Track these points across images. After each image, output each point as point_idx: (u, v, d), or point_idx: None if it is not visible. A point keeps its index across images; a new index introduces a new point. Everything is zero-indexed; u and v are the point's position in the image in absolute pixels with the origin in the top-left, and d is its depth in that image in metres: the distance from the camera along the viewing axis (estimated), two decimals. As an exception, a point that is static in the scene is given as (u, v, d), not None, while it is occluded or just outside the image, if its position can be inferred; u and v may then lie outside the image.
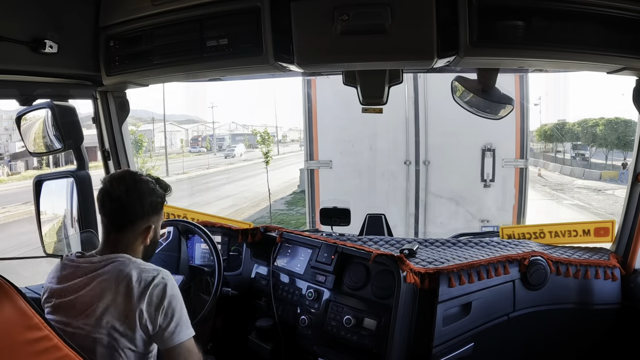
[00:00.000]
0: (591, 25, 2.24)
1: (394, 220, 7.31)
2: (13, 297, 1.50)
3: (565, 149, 39.60)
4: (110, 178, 2.12)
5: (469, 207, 7.79)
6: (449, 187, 7.78)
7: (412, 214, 7.89)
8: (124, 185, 2.08)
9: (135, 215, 2.09)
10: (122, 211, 2.07)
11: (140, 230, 2.13)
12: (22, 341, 1.52)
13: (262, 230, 3.32)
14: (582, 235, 3.22)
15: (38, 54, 2.43)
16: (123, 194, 2.07)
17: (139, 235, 2.14)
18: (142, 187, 2.11)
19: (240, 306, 3.24)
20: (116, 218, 2.08)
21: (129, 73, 2.79)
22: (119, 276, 1.99)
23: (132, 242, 2.13)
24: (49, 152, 3.12)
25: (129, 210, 2.08)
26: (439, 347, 2.67)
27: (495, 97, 2.84)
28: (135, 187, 2.10)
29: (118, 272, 2.00)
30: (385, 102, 2.89)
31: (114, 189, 2.08)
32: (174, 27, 2.60)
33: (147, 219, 2.14)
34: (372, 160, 7.99)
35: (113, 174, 2.16)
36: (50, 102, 2.88)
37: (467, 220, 7.74)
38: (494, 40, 2.27)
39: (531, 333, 2.96)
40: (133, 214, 2.09)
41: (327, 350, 2.82)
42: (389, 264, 2.69)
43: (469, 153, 7.64)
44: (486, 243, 3.16)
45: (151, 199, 2.13)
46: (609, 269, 2.97)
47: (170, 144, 41.65)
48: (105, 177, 2.13)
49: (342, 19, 2.26)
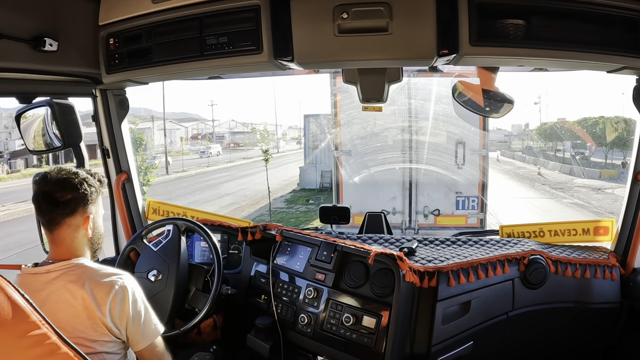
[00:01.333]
0: (591, 24, 2.24)
1: (394, 193, 11.55)
2: (10, 294, 1.50)
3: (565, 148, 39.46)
4: (39, 177, 2.11)
5: (447, 183, 11.34)
6: (432, 169, 11.34)
7: (407, 189, 11.53)
8: (53, 181, 2.07)
9: (69, 209, 2.08)
10: (55, 207, 2.06)
11: (80, 223, 2.12)
12: (19, 339, 1.51)
13: (262, 228, 3.32)
14: (581, 234, 3.22)
15: (38, 52, 2.43)
16: (54, 190, 2.06)
17: (79, 228, 2.12)
18: (71, 180, 2.10)
19: (240, 304, 3.24)
20: (54, 214, 2.07)
21: (128, 71, 2.79)
22: (75, 287, 2.00)
23: (74, 237, 2.12)
24: (48, 150, 3.12)
25: (62, 205, 2.07)
26: (438, 346, 2.68)
27: (495, 97, 2.84)
28: (64, 180, 2.09)
29: (74, 283, 2.00)
30: (385, 101, 2.89)
31: (44, 186, 2.07)
32: (173, 25, 2.60)
33: (84, 210, 2.12)
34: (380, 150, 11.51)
35: (43, 173, 2.14)
36: (50, 100, 2.88)
37: (446, 192, 11.39)
38: (493, 39, 2.27)
39: (530, 332, 2.97)
40: (67, 208, 2.07)
41: (326, 348, 2.82)
42: (389, 262, 2.69)
43: (446, 146, 11.22)
44: (485, 242, 3.16)
45: (83, 189, 2.11)
46: (608, 268, 2.97)
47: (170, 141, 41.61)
48: (35, 178, 2.13)
49: (342, 17, 2.26)
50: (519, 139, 54.38)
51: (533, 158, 40.45)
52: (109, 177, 3.47)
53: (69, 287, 1.99)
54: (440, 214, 11.48)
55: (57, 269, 2.02)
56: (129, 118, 3.45)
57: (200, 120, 66.32)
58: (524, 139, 51.73)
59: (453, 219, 11.45)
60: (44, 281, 2.00)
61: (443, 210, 11.48)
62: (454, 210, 11.48)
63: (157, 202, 3.72)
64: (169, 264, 2.95)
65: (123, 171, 3.44)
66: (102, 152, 3.36)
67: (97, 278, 2.02)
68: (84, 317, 1.98)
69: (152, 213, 3.69)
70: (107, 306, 1.99)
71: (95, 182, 2.18)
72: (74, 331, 1.95)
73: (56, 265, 2.03)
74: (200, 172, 36.67)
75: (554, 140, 41.46)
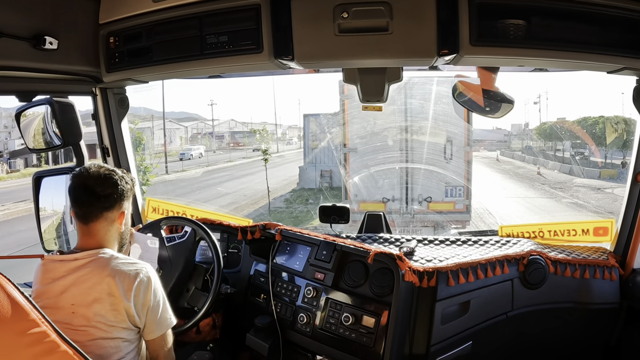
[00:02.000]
0: (591, 24, 2.25)
1: (393, 183, 13.88)
2: (10, 292, 1.50)
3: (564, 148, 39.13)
4: (80, 171, 2.17)
5: (437, 174, 13.61)
6: (425, 163, 13.71)
7: (404, 179, 13.80)
8: (95, 176, 2.14)
9: (109, 203, 2.16)
10: (96, 200, 2.13)
11: (115, 217, 2.20)
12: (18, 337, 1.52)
13: (261, 227, 3.31)
14: (581, 234, 3.23)
15: (38, 50, 2.43)
16: (96, 184, 2.12)
17: (114, 222, 2.20)
18: (112, 176, 2.17)
19: (239, 303, 3.24)
20: (93, 207, 2.13)
21: (128, 70, 2.79)
22: (102, 274, 2.05)
23: (108, 230, 2.19)
24: (48, 149, 3.13)
25: (103, 199, 2.14)
26: (437, 345, 2.68)
27: (495, 97, 2.84)
28: (105, 176, 2.16)
29: (101, 270, 2.06)
30: (385, 100, 2.88)
31: (86, 180, 2.13)
32: (173, 24, 2.60)
33: (120, 205, 2.21)
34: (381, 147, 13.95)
35: (82, 168, 2.20)
36: (50, 98, 2.88)
37: (437, 182, 13.65)
38: (494, 39, 2.27)
39: (530, 332, 2.97)
40: (107, 202, 2.15)
41: (325, 347, 2.82)
42: (388, 262, 2.69)
43: (437, 143, 13.61)
44: (485, 242, 3.16)
45: (121, 185, 2.19)
46: (607, 268, 2.97)
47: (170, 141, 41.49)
48: (75, 171, 2.19)
49: (342, 16, 2.27)
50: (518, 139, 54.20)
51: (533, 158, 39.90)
52: None
53: (95, 273, 2.05)
54: (432, 201, 13.75)
55: (85, 256, 2.08)
56: (129, 117, 3.45)
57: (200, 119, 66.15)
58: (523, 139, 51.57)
59: (443, 205, 13.76)
60: (70, 267, 2.06)
61: (434, 198, 13.74)
62: (443, 197, 13.73)
63: (156, 200, 3.72)
64: (173, 264, 2.95)
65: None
66: (102, 150, 3.36)
67: (124, 267, 2.09)
68: (106, 302, 2.04)
69: (151, 212, 3.69)
70: (132, 293, 2.07)
71: (130, 181, 2.28)
72: (95, 316, 2.02)
73: (84, 254, 2.09)
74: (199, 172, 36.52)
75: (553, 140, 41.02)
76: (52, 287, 2.03)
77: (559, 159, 37.28)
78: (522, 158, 43.03)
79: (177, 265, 2.97)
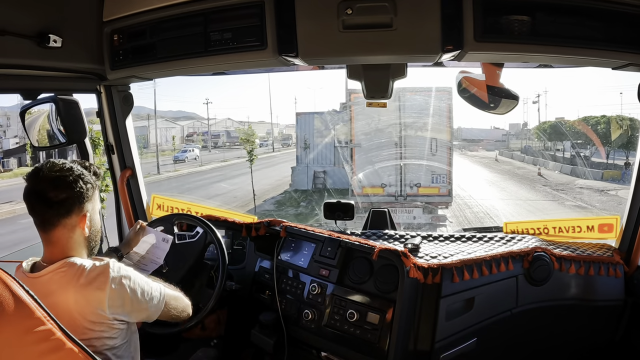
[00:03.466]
0: (596, 20, 2.23)
1: (390, 171, 17.23)
2: (15, 291, 1.51)
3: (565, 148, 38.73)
4: (31, 173, 1.95)
5: (424, 167, 16.83)
6: (415, 157, 16.95)
7: (399, 170, 17.05)
8: (47, 179, 1.92)
9: (64, 209, 1.95)
10: (51, 205, 1.92)
11: (76, 223, 1.99)
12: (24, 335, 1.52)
13: (266, 224, 3.32)
14: (585, 231, 3.23)
15: (42, 48, 2.43)
16: (47, 188, 1.91)
17: (75, 228, 1.99)
18: (66, 178, 1.95)
19: (244, 300, 3.25)
20: (48, 214, 1.94)
21: (133, 67, 2.79)
22: (69, 292, 1.89)
23: (70, 237, 1.99)
24: (52, 147, 3.13)
25: (56, 205, 1.93)
26: (441, 342, 2.68)
27: (500, 93, 2.83)
28: (58, 178, 1.93)
29: (66, 287, 1.90)
30: (389, 97, 2.88)
31: (37, 184, 1.92)
32: (177, 21, 2.60)
33: (79, 208, 1.99)
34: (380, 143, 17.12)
35: (34, 169, 1.97)
36: (54, 96, 2.88)
37: (424, 172, 16.90)
38: (498, 35, 2.26)
39: (534, 329, 2.96)
40: (62, 208, 1.94)
41: (330, 344, 2.82)
42: (393, 258, 2.69)
43: (424, 140, 16.88)
44: (490, 238, 3.16)
45: (79, 187, 1.96)
46: (612, 265, 2.97)
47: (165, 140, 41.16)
48: (27, 173, 1.97)
49: (346, 13, 2.26)
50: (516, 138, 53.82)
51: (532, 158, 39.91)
52: (113, 173, 3.48)
53: (62, 292, 1.89)
54: (421, 186, 17.01)
55: (49, 271, 1.93)
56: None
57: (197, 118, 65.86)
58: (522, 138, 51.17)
59: (430, 189, 17.03)
60: (38, 286, 1.83)
61: (423, 183, 17.01)
62: (430, 183, 17.04)
63: (161, 197, 3.73)
64: (182, 262, 2.97)
65: (128, 167, 3.45)
66: (107, 148, 3.37)
67: (89, 279, 1.91)
68: (79, 319, 1.90)
69: (156, 208, 3.70)
70: (106, 304, 1.91)
71: (91, 178, 2.04)
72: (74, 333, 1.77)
73: (48, 269, 1.93)
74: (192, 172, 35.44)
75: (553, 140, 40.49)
76: None
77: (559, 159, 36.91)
78: (522, 158, 42.69)
79: (186, 264, 2.98)
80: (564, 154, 38.31)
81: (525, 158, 41.83)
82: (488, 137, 55.76)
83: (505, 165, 40.58)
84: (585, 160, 34.26)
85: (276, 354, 2.96)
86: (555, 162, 35.96)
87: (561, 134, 38.05)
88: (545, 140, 41.98)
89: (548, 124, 42.90)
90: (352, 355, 2.74)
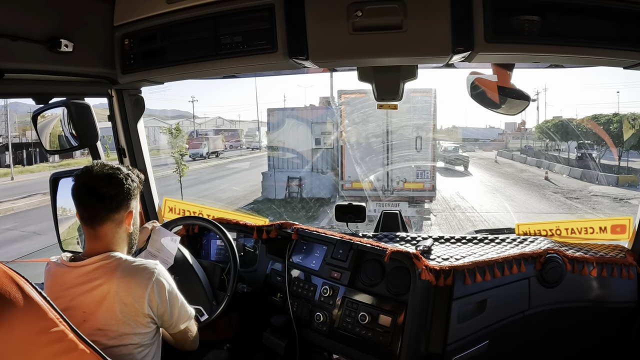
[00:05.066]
0: (607, 19, 2.21)
1: (377, 167, 18.74)
2: (29, 292, 1.52)
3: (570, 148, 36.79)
4: (83, 171, 2.10)
5: (410, 161, 18.41)
6: (401, 154, 18.45)
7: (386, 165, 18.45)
8: (99, 176, 2.07)
9: (115, 204, 2.09)
10: (102, 202, 2.06)
11: (123, 218, 2.14)
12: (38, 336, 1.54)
13: (277, 226, 3.33)
14: (598, 232, 3.20)
15: (54, 53, 2.45)
16: (100, 185, 2.06)
17: (122, 223, 2.14)
18: (117, 175, 2.10)
19: (255, 302, 3.25)
20: (98, 209, 2.07)
21: (144, 71, 2.81)
22: (113, 281, 2.00)
23: (116, 232, 2.13)
24: (64, 150, 3.16)
25: (108, 200, 2.07)
26: (453, 345, 2.67)
27: (511, 93, 2.82)
28: (110, 175, 2.09)
29: (111, 276, 2.01)
30: (400, 98, 2.87)
31: (90, 180, 2.07)
32: (188, 25, 2.61)
33: (127, 205, 2.14)
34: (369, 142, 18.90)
35: (85, 168, 2.12)
36: (66, 100, 2.91)
37: (409, 167, 18.40)
38: (509, 35, 2.25)
39: (547, 331, 2.95)
40: (113, 203, 2.08)
41: (341, 346, 2.82)
42: (405, 260, 2.69)
43: (409, 139, 18.36)
44: (502, 240, 3.15)
45: (127, 184, 2.12)
46: (625, 267, 2.94)
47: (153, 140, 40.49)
48: (77, 171, 2.11)
49: (356, 15, 2.26)
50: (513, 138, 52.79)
51: (535, 159, 38.15)
52: None
53: (105, 280, 2.00)
54: (407, 181, 18.44)
55: (93, 262, 2.03)
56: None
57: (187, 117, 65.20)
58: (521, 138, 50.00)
59: (415, 184, 18.43)
60: (79, 274, 2.02)
61: (408, 179, 18.46)
62: (415, 179, 18.46)
63: (172, 200, 3.75)
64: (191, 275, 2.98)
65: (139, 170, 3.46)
66: (118, 151, 3.38)
67: (134, 271, 2.04)
68: (118, 310, 2.00)
69: (168, 211, 3.72)
70: (145, 298, 2.03)
71: (136, 177, 2.21)
72: (107, 324, 1.99)
73: (92, 259, 2.03)
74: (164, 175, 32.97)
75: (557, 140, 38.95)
76: (62, 294, 1.99)
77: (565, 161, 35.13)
78: (524, 160, 41.01)
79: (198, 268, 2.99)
80: (569, 155, 36.59)
81: (527, 159, 40.16)
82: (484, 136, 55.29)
83: (507, 167, 38.96)
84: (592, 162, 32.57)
85: (287, 356, 2.96)
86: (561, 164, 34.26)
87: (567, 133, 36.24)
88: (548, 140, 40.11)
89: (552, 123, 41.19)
90: (364, 358, 2.73)
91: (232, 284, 2.94)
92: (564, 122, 38.65)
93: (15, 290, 1.49)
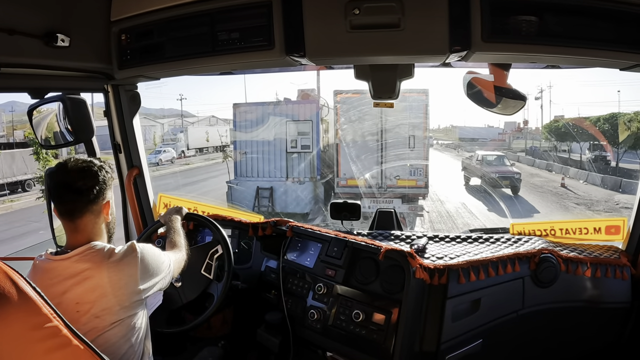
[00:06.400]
0: (604, 21, 2.22)
1: (371, 165, 18.73)
2: (23, 288, 1.51)
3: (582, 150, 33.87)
4: (56, 167, 2.14)
5: (404, 159, 18.47)
6: (395, 152, 18.52)
7: (380, 163, 18.54)
8: (74, 170, 2.10)
9: (92, 196, 2.12)
10: (79, 195, 2.09)
11: (101, 208, 2.17)
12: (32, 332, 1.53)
13: (273, 224, 3.33)
14: (592, 233, 3.22)
15: (50, 47, 2.44)
16: (76, 178, 2.09)
17: (100, 214, 2.17)
18: (91, 167, 2.13)
19: (250, 299, 3.25)
20: (76, 203, 2.10)
21: (140, 66, 2.80)
22: (101, 268, 2.03)
23: (96, 223, 2.16)
24: (60, 145, 3.15)
25: (85, 193, 2.10)
26: (447, 343, 2.68)
27: (507, 93, 2.82)
28: (84, 169, 2.12)
29: (99, 264, 2.04)
30: (396, 97, 2.87)
31: (66, 176, 2.09)
32: (185, 21, 2.60)
33: (103, 195, 2.17)
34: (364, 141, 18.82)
35: (58, 164, 2.16)
36: (62, 95, 2.90)
37: (402, 165, 18.47)
38: (506, 35, 2.25)
39: (540, 331, 2.95)
40: (90, 195, 2.11)
41: (335, 344, 2.83)
42: (399, 259, 2.69)
43: (403, 137, 18.42)
44: (496, 239, 3.15)
45: (102, 175, 2.15)
46: (619, 267, 2.95)
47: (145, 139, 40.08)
48: (50, 168, 2.18)
49: (354, 13, 2.26)
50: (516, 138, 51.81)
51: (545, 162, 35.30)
52: (120, 171, 3.49)
53: (94, 269, 2.02)
54: (400, 178, 18.48)
55: (78, 253, 2.05)
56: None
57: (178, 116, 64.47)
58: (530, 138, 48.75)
59: (408, 181, 18.41)
60: (66, 266, 2.03)
61: (402, 176, 18.49)
62: (408, 176, 18.44)
63: (168, 196, 3.74)
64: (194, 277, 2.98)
65: (135, 166, 3.46)
66: (114, 147, 3.38)
67: (119, 256, 2.08)
68: (111, 295, 2.03)
69: (163, 207, 3.71)
70: (138, 275, 2.10)
71: (109, 168, 2.23)
72: (102, 310, 2.02)
73: (76, 251, 2.05)
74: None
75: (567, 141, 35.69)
76: (52, 289, 1.98)
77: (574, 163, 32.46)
78: (531, 162, 38.01)
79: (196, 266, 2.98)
80: (581, 157, 33.41)
81: (536, 162, 37.35)
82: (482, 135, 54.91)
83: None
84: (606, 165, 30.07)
85: (281, 353, 2.96)
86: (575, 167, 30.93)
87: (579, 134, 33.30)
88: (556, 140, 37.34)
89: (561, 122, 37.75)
90: (358, 356, 2.74)
91: (226, 281, 2.93)
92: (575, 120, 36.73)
93: (9, 285, 1.48)
